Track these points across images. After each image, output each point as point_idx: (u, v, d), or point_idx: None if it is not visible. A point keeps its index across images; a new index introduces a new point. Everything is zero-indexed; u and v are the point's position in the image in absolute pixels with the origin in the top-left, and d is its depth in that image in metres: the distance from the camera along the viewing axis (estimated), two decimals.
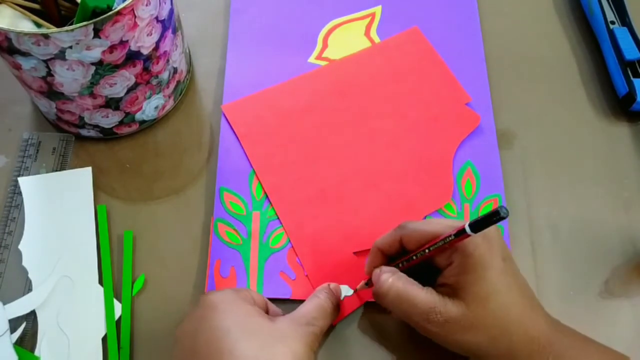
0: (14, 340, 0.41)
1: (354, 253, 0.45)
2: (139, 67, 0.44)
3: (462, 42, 0.55)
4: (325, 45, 0.55)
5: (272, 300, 0.44)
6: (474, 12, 0.57)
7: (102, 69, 0.42)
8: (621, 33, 0.54)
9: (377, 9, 0.57)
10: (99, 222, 0.46)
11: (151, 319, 0.43)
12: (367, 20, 0.57)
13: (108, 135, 0.50)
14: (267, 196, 0.47)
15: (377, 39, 0.55)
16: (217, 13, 0.57)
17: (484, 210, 0.47)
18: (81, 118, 0.47)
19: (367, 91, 0.52)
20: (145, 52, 0.43)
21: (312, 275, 0.44)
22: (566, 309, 0.44)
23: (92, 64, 0.41)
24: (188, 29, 0.54)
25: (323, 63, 0.54)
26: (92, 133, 0.49)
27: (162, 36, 0.44)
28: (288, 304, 0.44)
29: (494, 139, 0.50)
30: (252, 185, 0.48)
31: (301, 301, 0.43)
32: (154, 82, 0.47)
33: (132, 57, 0.43)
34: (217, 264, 0.44)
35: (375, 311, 0.43)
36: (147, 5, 0.41)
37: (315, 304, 0.38)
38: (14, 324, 0.42)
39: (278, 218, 0.46)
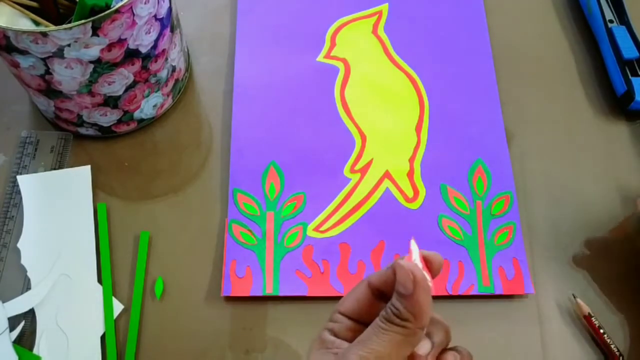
0: (12, 338, 0.41)
1: None
2: (137, 65, 0.44)
3: (469, 39, 0.55)
4: (333, 44, 0.55)
5: (289, 298, 0.44)
6: (480, 9, 0.57)
7: (101, 67, 0.42)
8: (620, 32, 0.54)
9: (384, 7, 0.57)
10: (99, 221, 0.46)
11: (152, 315, 0.43)
12: (374, 18, 0.56)
13: (106, 134, 0.49)
14: (280, 196, 0.47)
15: (385, 38, 0.55)
16: (216, 12, 0.57)
17: (497, 207, 0.47)
18: (79, 116, 0.47)
19: None
20: (143, 50, 0.43)
21: None
22: (566, 310, 0.44)
23: (91, 62, 0.41)
24: (187, 27, 0.54)
25: (331, 62, 0.54)
26: (91, 131, 0.49)
27: (160, 34, 0.44)
28: (305, 301, 0.44)
29: (503, 136, 0.51)
30: (265, 186, 0.48)
31: (318, 299, 0.44)
32: (153, 80, 0.47)
33: (131, 55, 0.43)
34: (232, 264, 0.45)
35: None
36: (145, 3, 0.41)
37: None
38: (12, 322, 0.42)
39: (292, 217, 0.47)
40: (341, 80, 0.53)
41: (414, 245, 0.28)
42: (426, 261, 0.28)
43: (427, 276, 0.27)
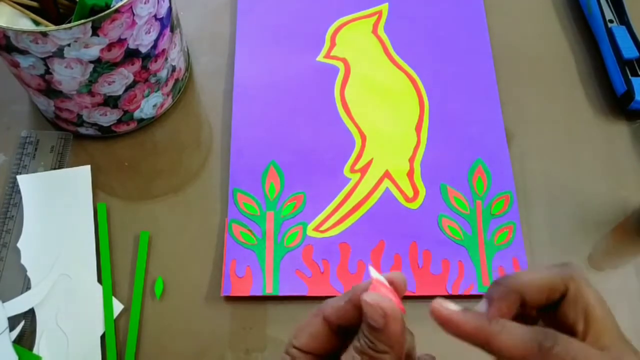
0: (12, 338, 0.41)
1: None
2: (137, 65, 0.44)
3: (469, 39, 0.55)
4: (333, 44, 0.55)
5: (289, 298, 0.44)
6: (480, 9, 0.57)
7: (101, 67, 0.42)
8: (619, 32, 0.54)
9: (384, 7, 0.57)
10: (99, 221, 0.46)
11: (152, 314, 0.43)
12: (374, 18, 0.57)
13: (106, 134, 0.49)
14: (280, 195, 0.47)
15: (385, 38, 0.55)
16: (216, 12, 0.57)
17: (497, 207, 0.47)
18: (79, 116, 0.47)
19: None
20: (143, 50, 0.43)
21: None
22: None
23: (91, 62, 0.41)
24: (187, 27, 0.54)
25: (331, 62, 0.54)
26: (91, 131, 0.49)
27: (160, 34, 0.44)
28: (305, 301, 0.44)
29: (503, 136, 0.51)
30: (265, 186, 0.48)
31: (318, 298, 0.44)
32: (153, 80, 0.47)
33: (131, 55, 0.43)
34: (232, 264, 0.45)
35: None
36: (145, 3, 0.41)
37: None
38: (12, 322, 0.42)
39: (292, 217, 0.47)
40: (341, 80, 0.53)
41: (374, 272, 0.27)
42: (390, 283, 0.26)
43: (394, 299, 0.25)
